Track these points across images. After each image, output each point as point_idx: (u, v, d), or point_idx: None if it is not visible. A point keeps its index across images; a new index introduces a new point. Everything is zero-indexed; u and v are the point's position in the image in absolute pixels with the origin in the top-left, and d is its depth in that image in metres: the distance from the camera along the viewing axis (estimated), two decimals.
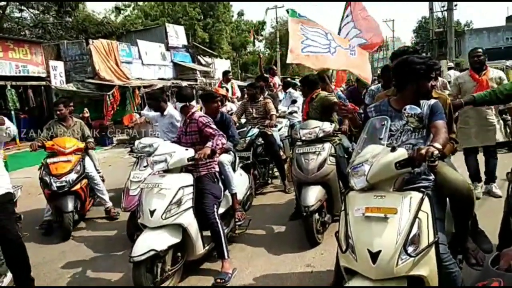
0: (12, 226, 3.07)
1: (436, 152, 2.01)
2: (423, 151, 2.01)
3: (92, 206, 5.33)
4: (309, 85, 4.52)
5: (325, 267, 3.41)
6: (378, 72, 7.77)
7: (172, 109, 5.07)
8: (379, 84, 5.37)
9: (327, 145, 4.02)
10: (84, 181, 4.85)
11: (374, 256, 1.93)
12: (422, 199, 2.04)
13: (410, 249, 1.93)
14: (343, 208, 2.23)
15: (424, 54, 3.46)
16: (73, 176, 4.67)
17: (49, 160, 4.73)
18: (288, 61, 3.22)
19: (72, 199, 4.61)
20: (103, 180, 5.42)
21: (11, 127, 3.06)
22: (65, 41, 14.82)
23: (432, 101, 2.43)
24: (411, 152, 2.09)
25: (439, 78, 5.78)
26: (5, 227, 3.00)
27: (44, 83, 12.12)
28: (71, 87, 12.73)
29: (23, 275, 3.14)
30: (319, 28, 3.24)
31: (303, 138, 4.10)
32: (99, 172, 5.38)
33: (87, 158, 5.09)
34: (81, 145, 4.96)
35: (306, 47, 3.09)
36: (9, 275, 3.28)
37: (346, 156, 4.21)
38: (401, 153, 2.09)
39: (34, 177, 4.84)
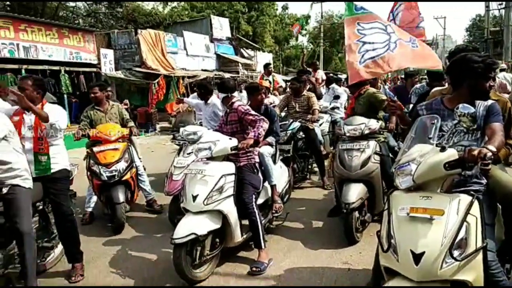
0: (66, 202, 3.30)
1: (490, 154, 1.92)
2: (475, 152, 1.93)
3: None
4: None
5: (362, 266, 3.37)
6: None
7: (215, 99, 5.21)
8: (424, 83, 5.19)
9: (372, 143, 3.94)
10: (133, 170, 4.67)
11: (417, 257, 1.89)
12: (471, 203, 1.97)
13: (456, 253, 1.87)
14: (386, 207, 2.19)
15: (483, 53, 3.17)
16: (122, 165, 4.46)
17: (95, 149, 4.49)
18: (351, 82, 3.00)
19: (123, 190, 4.42)
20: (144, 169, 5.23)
21: (58, 121, 3.20)
22: (115, 30, 15.45)
23: (490, 102, 2.32)
24: (462, 153, 2.02)
25: (497, 79, 5.39)
26: (60, 202, 3.23)
27: (95, 69, 12.71)
28: (119, 74, 13.26)
29: (73, 248, 3.36)
30: (377, 21, 3.05)
31: (348, 134, 4.04)
32: (140, 161, 5.21)
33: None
34: (125, 131, 4.72)
35: (363, 55, 2.89)
36: (60, 247, 3.52)
37: (391, 155, 4.10)
38: (451, 153, 2.02)
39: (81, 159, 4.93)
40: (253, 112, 3.67)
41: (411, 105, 5.70)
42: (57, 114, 3.24)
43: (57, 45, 11.57)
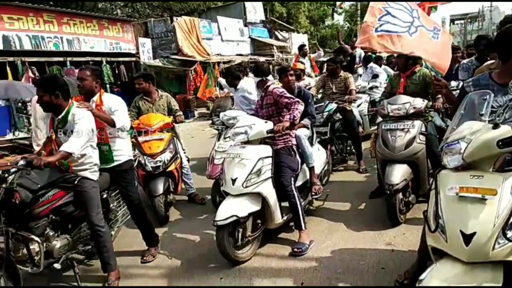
0: (134, 191, 3.51)
1: None
2: None
3: None
4: (413, 58, 4.02)
5: (406, 247, 3.31)
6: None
7: (244, 83, 5.26)
8: (473, 58, 4.90)
9: (418, 122, 3.79)
10: (178, 160, 4.58)
11: (468, 238, 1.83)
12: None
13: (509, 233, 1.79)
14: (433, 187, 2.12)
15: None
16: (167, 155, 4.40)
17: (140, 139, 4.43)
18: (357, 44, 2.88)
19: (162, 181, 4.33)
20: (187, 161, 5.16)
21: (124, 124, 3.27)
22: (151, 19, 15.75)
23: None
24: None
25: None
26: (129, 192, 3.44)
27: (134, 59, 13.08)
28: (157, 62, 13.57)
29: (148, 232, 3.60)
30: (407, 3, 2.90)
31: (391, 114, 3.90)
32: (184, 153, 5.07)
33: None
34: (168, 119, 4.62)
35: (382, 25, 2.75)
36: (116, 230, 3.67)
37: (437, 135, 3.94)
38: (506, 130, 1.91)
39: None
40: (288, 95, 3.65)
41: (452, 82, 5.42)
42: (122, 116, 3.27)
43: (98, 37, 12.00)
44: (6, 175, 2.69)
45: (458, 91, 3.02)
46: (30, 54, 9.98)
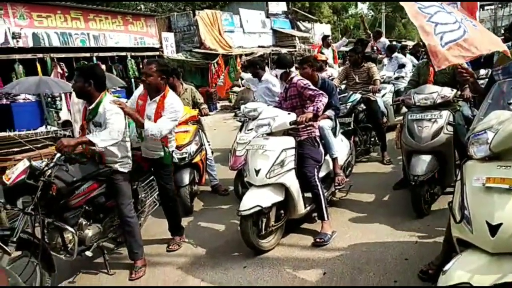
0: (170, 183, 3.63)
1: None
2: None
3: None
4: None
5: (430, 238, 3.27)
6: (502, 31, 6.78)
7: (268, 75, 5.26)
8: (510, 43, 4.73)
9: (445, 112, 3.70)
10: (203, 152, 4.69)
11: (494, 228, 1.80)
12: None
13: None
14: (459, 178, 2.09)
15: None
16: (193, 147, 4.51)
17: None
18: (437, 69, 2.59)
19: (187, 172, 4.43)
20: (211, 153, 5.26)
21: (157, 132, 3.19)
22: (174, 13, 15.90)
23: None
24: None
25: None
26: (166, 185, 3.56)
27: (158, 53, 13.28)
28: (180, 56, 13.74)
29: (175, 222, 3.72)
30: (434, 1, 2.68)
31: (418, 104, 3.82)
32: (209, 145, 5.17)
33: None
34: (194, 112, 4.73)
35: (442, 37, 2.47)
36: (143, 219, 3.79)
37: (465, 125, 3.84)
38: None
39: None
40: (312, 87, 3.64)
41: (481, 70, 5.23)
42: (162, 123, 3.22)
43: (123, 32, 12.25)
44: (46, 168, 2.83)
45: (487, 79, 2.93)
46: (58, 50, 10.31)
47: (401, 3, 2.74)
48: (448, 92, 3.75)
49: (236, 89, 13.00)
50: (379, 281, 2.81)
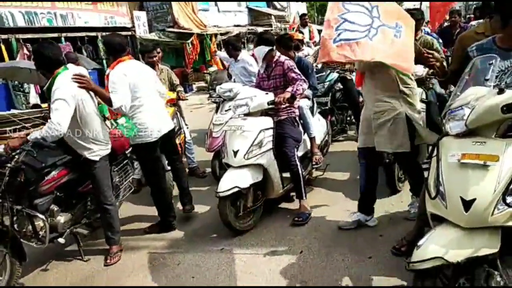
0: (177, 156, 3.72)
1: None
2: None
3: None
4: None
5: (403, 215, 3.36)
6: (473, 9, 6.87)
7: (245, 55, 5.17)
8: (482, 20, 4.77)
9: (418, 90, 3.73)
10: (182, 136, 4.55)
11: (468, 204, 1.82)
12: None
13: (509, 199, 1.78)
14: (435, 154, 2.10)
15: None
16: None
17: None
18: (319, 61, 2.65)
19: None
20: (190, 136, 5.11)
21: (120, 104, 3.05)
22: None
23: None
24: None
25: None
26: (174, 156, 3.64)
27: (129, 33, 12.79)
28: (153, 36, 13.28)
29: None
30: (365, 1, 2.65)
31: None
32: (187, 128, 5.07)
33: None
34: (173, 95, 4.58)
35: (340, 34, 2.52)
36: (118, 204, 3.67)
37: (438, 103, 3.90)
38: (511, 95, 1.87)
39: None
40: (297, 71, 3.60)
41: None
42: (116, 95, 3.06)
43: (92, 11, 11.69)
44: (13, 154, 2.70)
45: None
46: (24, 31, 9.77)
47: None
48: (421, 70, 3.76)
49: (211, 69, 12.77)
50: (354, 257, 2.86)
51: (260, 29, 16.05)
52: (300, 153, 3.76)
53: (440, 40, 4.29)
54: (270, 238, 3.27)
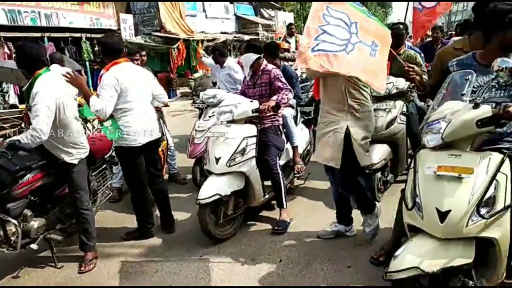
0: (160, 174, 3.66)
1: None
2: (511, 109, 1.83)
3: None
4: (396, 37, 3.73)
5: (382, 225, 3.36)
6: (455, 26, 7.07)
7: (231, 62, 5.18)
8: (462, 37, 4.90)
9: (399, 103, 3.80)
10: (164, 142, 4.37)
11: (443, 215, 1.86)
12: (502, 160, 1.89)
13: (483, 211, 1.83)
14: (412, 166, 2.13)
15: None
16: None
17: None
18: (295, 66, 2.68)
19: None
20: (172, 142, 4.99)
21: (99, 108, 3.02)
22: None
23: None
24: (497, 109, 1.91)
25: None
26: (156, 172, 3.54)
27: None
28: (139, 40, 13.17)
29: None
30: (346, 14, 2.68)
31: (373, 94, 3.89)
32: (169, 134, 4.95)
33: None
34: None
35: (319, 44, 2.56)
36: (95, 209, 3.60)
37: (417, 115, 3.97)
38: (485, 110, 1.92)
39: None
40: (283, 80, 3.61)
41: None
42: (100, 99, 3.07)
43: (78, 12, 11.54)
44: None
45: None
46: (6, 29, 9.56)
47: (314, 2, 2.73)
48: (403, 83, 3.84)
49: (196, 75, 12.74)
50: (333, 266, 2.86)
51: (246, 37, 16.13)
52: (282, 161, 3.77)
53: (422, 55, 4.38)
54: (249, 246, 3.25)
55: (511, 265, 1.98)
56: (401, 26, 3.98)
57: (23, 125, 3.85)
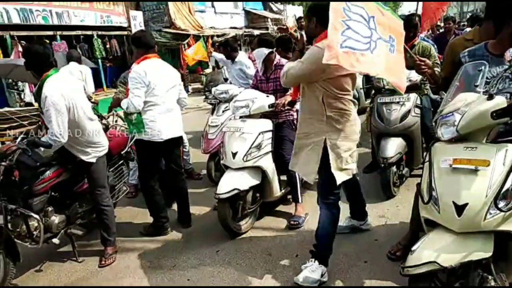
0: (181, 173, 3.67)
1: None
2: None
3: None
4: (411, 28, 3.76)
5: (398, 219, 3.38)
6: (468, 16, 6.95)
7: (242, 57, 5.18)
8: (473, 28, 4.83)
9: (413, 96, 3.78)
10: None
11: (460, 208, 1.85)
12: None
13: (501, 204, 1.82)
14: (427, 159, 2.13)
15: None
16: None
17: None
18: (324, 61, 2.61)
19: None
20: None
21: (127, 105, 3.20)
22: None
23: None
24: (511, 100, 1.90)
25: None
26: (176, 169, 3.59)
27: (126, 32, 12.76)
28: None
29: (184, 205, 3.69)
30: (364, 8, 2.59)
31: (387, 87, 3.86)
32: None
33: None
34: None
35: (346, 40, 2.46)
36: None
37: (432, 109, 3.94)
38: (500, 101, 1.90)
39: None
40: None
41: None
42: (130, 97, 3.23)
43: (88, 9, 11.64)
44: (8, 152, 2.69)
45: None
46: (18, 28, 9.70)
47: None
48: (416, 75, 3.80)
49: (207, 70, 12.76)
50: (350, 261, 2.87)
51: (256, 32, 16.10)
52: None
53: (436, 46, 4.33)
54: (266, 241, 3.28)
55: None
56: (414, 17, 3.94)
57: (40, 123, 3.91)
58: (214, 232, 3.40)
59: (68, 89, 2.83)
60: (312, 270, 2.60)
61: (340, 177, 2.54)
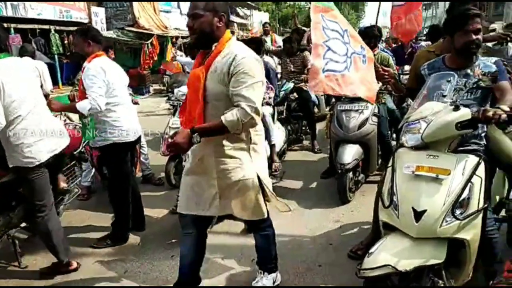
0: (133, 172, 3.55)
1: (504, 115, 1.87)
2: (490, 113, 1.88)
3: None
4: (371, 39, 3.91)
5: (354, 224, 3.44)
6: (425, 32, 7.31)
7: None
8: (429, 42, 5.06)
9: (371, 104, 3.89)
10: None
11: (418, 215, 1.88)
12: (478, 163, 1.94)
13: (457, 212, 1.86)
14: (390, 164, 2.15)
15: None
16: None
17: None
18: (309, 90, 2.50)
19: None
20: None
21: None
22: None
23: (494, 58, 2.25)
24: (476, 112, 1.95)
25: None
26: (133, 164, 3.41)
27: None
28: (111, 34, 12.80)
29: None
30: (338, 22, 2.62)
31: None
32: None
33: None
34: None
35: (327, 63, 2.45)
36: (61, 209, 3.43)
37: (388, 117, 4.07)
38: (465, 112, 1.95)
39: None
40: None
41: (406, 66, 5.58)
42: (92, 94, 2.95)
43: (46, 3, 11.08)
44: None
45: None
46: None
47: (311, 7, 2.67)
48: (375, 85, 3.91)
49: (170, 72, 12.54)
50: (305, 266, 2.87)
51: None
52: None
53: (394, 58, 4.49)
54: (222, 246, 3.19)
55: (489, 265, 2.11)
56: (374, 28, 4.06)
57: None
58: (168, 236, 3.28)
59: (8, 74, 2.50)
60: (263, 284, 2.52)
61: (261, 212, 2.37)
